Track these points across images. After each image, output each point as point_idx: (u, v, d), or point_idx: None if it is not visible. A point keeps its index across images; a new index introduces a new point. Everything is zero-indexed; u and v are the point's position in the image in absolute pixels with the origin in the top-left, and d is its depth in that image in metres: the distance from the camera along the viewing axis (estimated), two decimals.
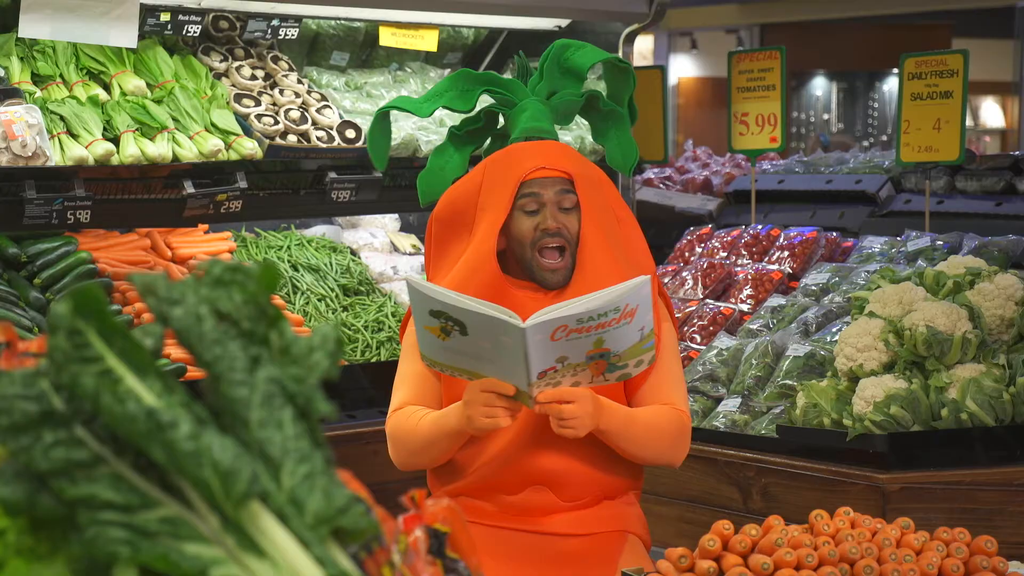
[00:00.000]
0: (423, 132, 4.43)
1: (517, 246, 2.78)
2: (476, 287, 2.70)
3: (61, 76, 3.96)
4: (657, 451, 2.75)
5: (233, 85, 4.26)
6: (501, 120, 3.04)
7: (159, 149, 3.83)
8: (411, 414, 2.75)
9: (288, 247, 4.60)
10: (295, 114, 4.22)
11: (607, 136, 3.08)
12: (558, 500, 2.76)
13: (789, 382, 3.76)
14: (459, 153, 3.03)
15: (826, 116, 14.73)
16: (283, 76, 4.38)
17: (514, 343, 2.42)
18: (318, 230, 4.85)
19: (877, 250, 4.53)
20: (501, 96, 2.98)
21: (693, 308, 4.46)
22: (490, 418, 2.55)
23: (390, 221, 5.08)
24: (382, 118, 3.11)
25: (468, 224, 2.82)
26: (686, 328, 4.37)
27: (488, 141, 3.07)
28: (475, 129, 3.04)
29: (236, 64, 4.32)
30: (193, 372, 3.65)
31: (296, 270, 4.49)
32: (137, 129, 3.87)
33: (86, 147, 3.74)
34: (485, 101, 3.05)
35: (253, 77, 4.31)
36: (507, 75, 4.76)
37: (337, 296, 4.45)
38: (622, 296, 2.43)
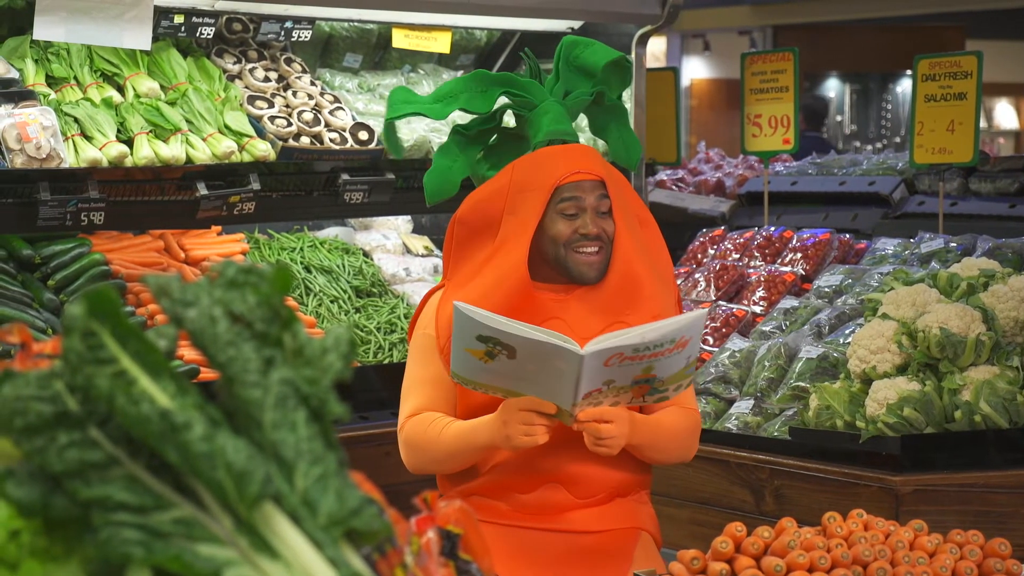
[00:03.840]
0: (436, 134, 4.43)
1: (549, 246, 2.77)
2: (504, 293, 2.72)
3: (75, 78, 3.97)
4: (677, 454, 2.86)
5: (246, 87, 4.27)
6: (506, 119, 3.02)
7: (172, 151, 3.84)
8: (432, 422, 2.74)
9: (301, 249, 4.60)
10: (308, 116, 4.22)
11: (608, 130, 3.04)
12: (572, 498, 2.77)
13: (802, 384, 3.75)
14: (464, 153, 2.99)
15: (839, 118, 14.69)
16: (296, 78, 4.38)
17: (568, 367, 2.45)
18: (331, 232, 4.85)
19: (890, 252, 4.52)
20: (519, 98, 2.96)
21: (706, 310, 4.46)
22: (529, 436, 2.58)
23: (403, 223, 5.08)
24: (393, 125, 3.15)
25: (494, 228, 2.80)
26: None
27: (494, 138, 3.03)
28: (484, 129, 3.02)
29: (249, 66, 4.33)
30: (207, 373, 3.66)
31: (309, 272, 4.50)
32: (151, 131, 3.88)
33: (100, 149, 3.75)
34: (501, 102, 3.04)
35: (266, 79, 4.31)
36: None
37: (350, 298, 4.45)
38: (680, 329, 2.47)
